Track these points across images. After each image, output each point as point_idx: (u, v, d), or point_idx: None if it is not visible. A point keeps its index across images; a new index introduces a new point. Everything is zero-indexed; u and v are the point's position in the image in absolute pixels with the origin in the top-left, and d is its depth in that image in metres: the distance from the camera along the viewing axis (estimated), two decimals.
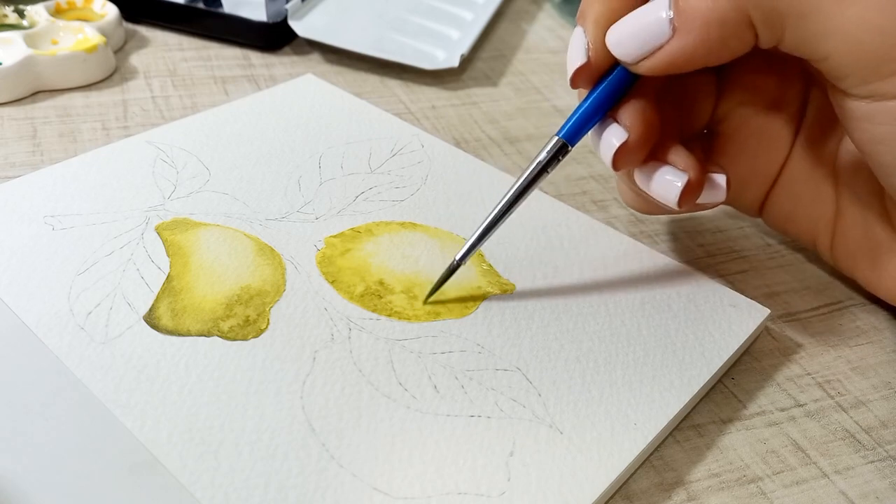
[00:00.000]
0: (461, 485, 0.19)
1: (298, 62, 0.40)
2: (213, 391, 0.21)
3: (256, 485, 0.19)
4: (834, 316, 0.27)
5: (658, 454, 0.22)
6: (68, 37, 0.37)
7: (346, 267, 0.25)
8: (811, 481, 0.21)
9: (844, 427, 0.23)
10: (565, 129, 0.23)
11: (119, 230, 0.26)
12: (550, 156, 0.23)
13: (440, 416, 0.21)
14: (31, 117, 0.33)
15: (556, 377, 0.22)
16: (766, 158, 0.26)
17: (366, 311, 0.24)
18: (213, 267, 0.25)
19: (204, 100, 0.36)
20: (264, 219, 0.27)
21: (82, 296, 0.23)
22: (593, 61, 0.22)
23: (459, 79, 0.40)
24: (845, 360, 0.25)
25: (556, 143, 0.23)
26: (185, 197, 0.27)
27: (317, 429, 0.20)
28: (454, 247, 0.27)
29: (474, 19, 0.44)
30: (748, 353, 0.25)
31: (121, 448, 0.19)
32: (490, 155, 0.34)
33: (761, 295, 0.28)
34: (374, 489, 0.19)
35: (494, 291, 0.25)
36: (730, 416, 0.23)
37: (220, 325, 0.23)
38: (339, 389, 0.21)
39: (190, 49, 0.40)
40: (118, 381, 0.21)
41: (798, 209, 0.27)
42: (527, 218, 0.28)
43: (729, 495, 0.21)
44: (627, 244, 0.27)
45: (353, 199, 0.28)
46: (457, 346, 0.23)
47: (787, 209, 0.27)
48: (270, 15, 0.40)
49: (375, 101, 0.37)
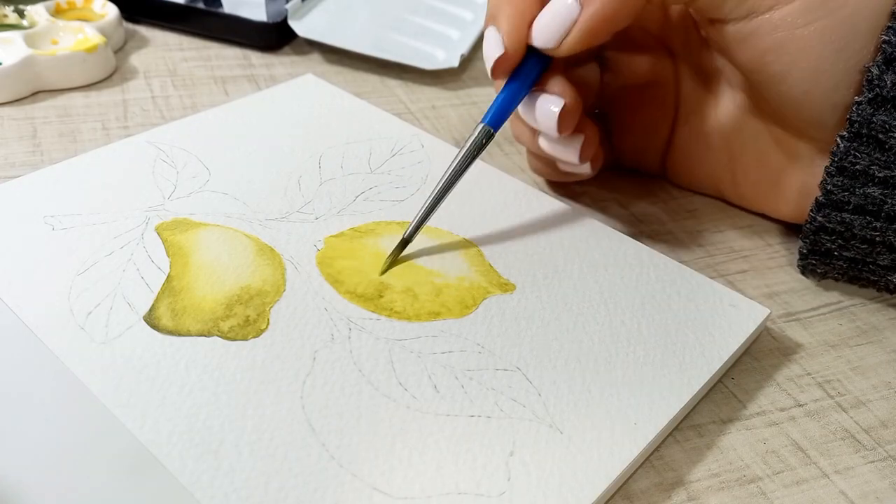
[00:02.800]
0: (461, 485, 0.19)
1: (298, 62, 0.40)
2: (213, 391, 0.21)
3: (256, 485, 0.19)
4: (834, 316, 0.27)
5: (658, 454, 0.22)
6: (68, 37, 0.37)
7: (346, 267, 0.25)
8: (811, 481, 0.21)
9: (844, 427, 0.23)
10: (489, 116, 0.25)
11: (119, 230, 0.26)
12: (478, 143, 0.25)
13: (440, 415, 0.21)
14: (31, 117, 0.33)
15: (556, 377, 0.22)
16: (654, 127, 0.31)
17: (366, 311, 0.24)
18: (213, 267, 0.25)
19: (204, 100, 0.36)
20: (264, 219, 0.27)
21: (82, 296, 0.23)
22: (509, 52, 0.25)
23: (459, 79, 0.40)
24: (845, 360, 0.25)
25: (481, 129, 0.25)
26: (185, 197, 0.27)
27: (317, 429, 0.20)
28: (454, 247, 0.27)
29: (474, 19, 0.44)
30: (748, 353, 0.25)
31: (121, 448, 0.19)
32: (490, 155, 0.34)
33: (761, 295, 0.28)
34: (373, 489, 0.19)
35: (494, 291, 0.25)
36: (730, 416, 0.23)
37: (220, 325, 0.23)
38: (339, 389, 0.21)
39: (190, 49, 0.40)
40: (118, 381, 0.21)
41: (696, 164, 0.31)
42: (527, 218, 0.28)
43: (729, 495, 0.21)
44: (627, 244, 0.27)
45: (353, 199, 0.28)
46: (457, 345, 0.23)
47: (686, 166, 0.32)
48: (270, 15, 0.40)
49: (375, 101, 0.37)
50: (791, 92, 0.25)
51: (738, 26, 0.25)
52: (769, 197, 0.30)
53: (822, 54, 0.24)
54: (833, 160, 0.24)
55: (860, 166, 0.24)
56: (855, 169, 0.24)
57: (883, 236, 0.25)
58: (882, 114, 0.23)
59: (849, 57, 0.24)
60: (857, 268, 0.26)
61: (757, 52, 0.25)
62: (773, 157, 0.29)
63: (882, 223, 0.24)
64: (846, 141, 0.24)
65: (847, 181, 0.24)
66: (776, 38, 0.24)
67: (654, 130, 0.31)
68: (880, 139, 0.24)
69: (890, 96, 0.23)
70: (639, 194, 0.32)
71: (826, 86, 0.24)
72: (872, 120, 0.23)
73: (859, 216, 0.25)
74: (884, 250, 0.25)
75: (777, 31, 0.24)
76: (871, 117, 0.23)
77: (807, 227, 0.26)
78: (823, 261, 0.27)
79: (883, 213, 0.24)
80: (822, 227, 0.26)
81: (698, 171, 0.31)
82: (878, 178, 0.24)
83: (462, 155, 0.25)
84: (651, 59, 0.29)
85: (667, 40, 0.29)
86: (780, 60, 0.25)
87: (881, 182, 0.24)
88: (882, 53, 0.23)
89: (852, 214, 0.25)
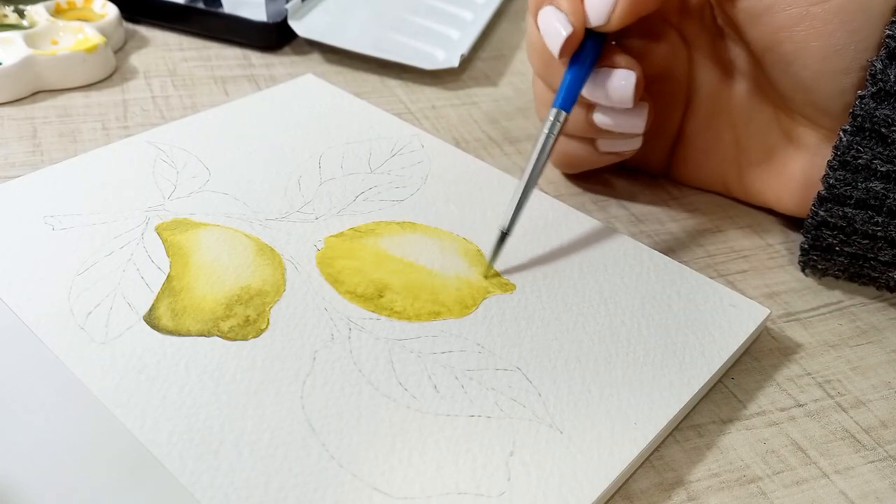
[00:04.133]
0: (461, 485, 0.19)
1: (298, 62, 0.40)
2: (213, 391, 0.21)
3: (256, 485, 0.19)
4: (834, 316, 0.27)
5: (658, 454, 0.22)
6: (68, 37, 0.37)
7: (346, 267, 0.25)
8: (811, 481, 0.21)
9: (844, 427, 0.23)
10: (560, 99, 0.26)
11: (119, 230, 0.26)
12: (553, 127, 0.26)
13: (440, 415, 0.21)
14: (31, 117, 0.33)
15: (556, 377, 0.22)
16: (664, 122, 0.31)
17: (366, 310, 0.24)
18: (213, 267, 0.25)
19: (204, 100, 0.36)
20: (264, 219, 0.27)
21: (82, 296, 0.23)
22: (577, 29, 0.26)
23: (459, 79, 0.40)
24: (845, 360, 0.25)
25: (555, 114, 0.26)
26: (185, 197, 0.27)
27: (317, 429, 0.20)
28: (454, 247, 0.27)
29: (474, 19, 0.44)
30: (748, 353, 0.25)
31: (121, 448, 0.19)
32: (490, 155, 0.34)
33: (761, 295, 0.28)
34: (373, 489, 0.19)
35: (494, 291, 0.25)
36: (730, 416, 0.23)
37: (220, 325, 0.23)
38: (339, 389, 0.21)
39: (190, 49, 0.40)
40: (118, 381, 0.21)
41: (703, 158, 0.31)
42: (527, 218, 0.28)
43: (729, 495, 0.21)
44: (627, 244, 0.27)
45: (353, 199, 0.28)
46: (457, 345, 0.23)
47: (693, 161, 0.32)
48: (270, 15, 0.40)
49: (375, 101, 0.37)
50: (802, 73, 0.26)
51: (753, 2, 0.25)
52: (774, 189, 0.30)
53: (834, 33, 0.24)
54: (836, 154, 0.25)
55: (862, 161, 0.24)
56: (857, 163, 0.24)
57: (884, 231, 0.25)
58: (885, 108, 0.23)
59: (860, 40, 0.24)
60: (859, 264, 0.26)
61: (770, 29, 0.25)
62: (780, 147, 0.29)
63: (884, 218, 0.24)
64: (849, 135, 0.24)
65: (849, 175, 0.24)
66: (790, 15, 0.25)
67: (665, 125, 0.31)
68: (883, 133, 0.24)
69: (893, 91, 0.23)
70: (639, 194, 0.32)
71: (836, 68, 0.25)
72: (875, 114, 0.23)
73: (861, 211, 0.25)
74: (885, 246, 0.25)
75: (792, 7, 0.24)
76: (874, 112, 0.23)
77: (808, 222, 0.26)
78: (825, 256, 0.27)
79: (885, 207, 0.24)
80: (824, 221, 0.26)
81: (705, 166, 0.32)
82: (881, 172, 0.24)
83: (541, 142, 0.26)
84: (667, 47, 0.30)
85: (683, 29, 0.30)
86: (793, 39, 0.25)
87: (883, 177, 0.24)
88: (885, 48, 0.23)
89: (854, 209, 0.25)
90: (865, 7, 0.24)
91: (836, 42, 0.24)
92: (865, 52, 0.24)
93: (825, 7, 0.24)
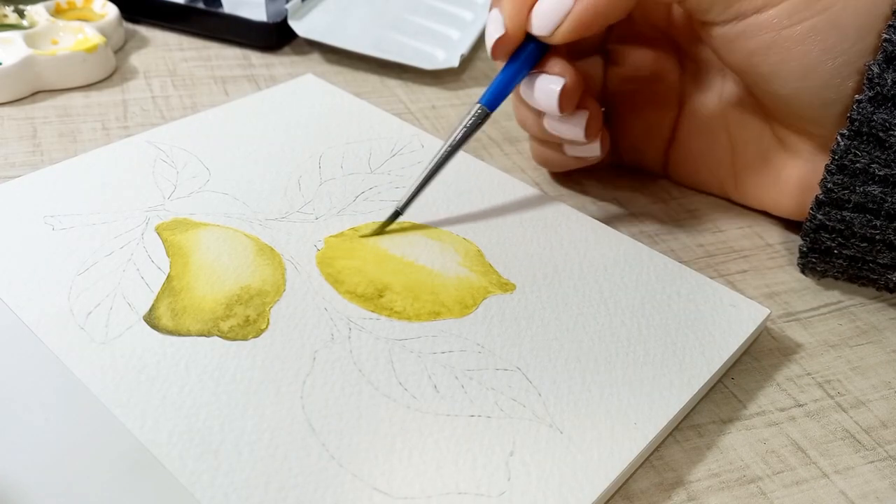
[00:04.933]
0: (461, 485, 0.19)
1: (298, 62, 0.40)
2: (213, 391, 0.21)
3: (256, 485, 0.19)
4: (834, 316, 0.27)
5: (658, 454, 0.22)
6: (68, 37, 0.37)
7: (346, 267, 0.25)
8: (811, 481, 0.21)
9: (844, 427, 0.23)
10: (486, 96, 0.26)
11: (119, 230, 0.26)
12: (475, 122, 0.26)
13: (440, 415, 0.21)
14: (31, 117, 0.33)
15: (556, 377, 0.22)
16: (657, 124, 0.31)
17: (366, 310, 0.24)
18: (213, 267, 0.25)
19: (204, 100, 0.36)
20: (264, 219, 0.27)
21: (82, 296, 0.23)
22: (510, 33, 0.26)
23: (459, 79, 0.40)
24: (845, 360, 0.25)
25: (477, 109, 0.26)
26: (185, 197, 0.27)
27: (317, 429, 0.20)
28: (454, 247, 0.27)
29: (474, 19, 0.44)
30: (748, 353, 0.25)
31: (121, 448, 0.19)
32: (490, 155, 0.34)
33: (761, 295, 0.28)
34: (374, 489, 0.19)
35: (494, 291, 0.25)
36: (730, 416, 0.23)
37: (220, 325, 0.23)
38: (339, 389, 0.21)
39: (190, 49, 0.40)
40: (118, 381, 0.21)
41: (698, 162, 0.31)
42: (527, 218, 0.28)
43: (729, 495, 0.21)
44: (627, 244, 0.27)
45: (353, 199, 0.28)
46: (457, 345, 0.23)
47: (688, 164, 0.32)
48: (270, 15, 0.40)
49: (375, 101, 0.37)
50: (781, 91, 0.26)
51: (725, 29, 0.25)
52: (771, 193, 0.30)
53: (809, 53, 0.24)
54: (833, 158, 0.25)
55: (860, 164, 0.24)
56: (855, 167, 0.24)
57: (883, 234, 0.25)
58: (882, 112, 0.23)
59: (837, 55, 0.24)
60: (857, 266, 0.26)
61: (744, 54, 0.25)
62: (774, 153, 0.29)
63: (882, 221, 0.24)
64: (846, 139, 0.24)
65: (847, 179, 0.24)
66: (763, 40, 0.25)
67: (657, 127, 0.31)
68: (880, 137, 0.24)
69: (890, 94, 0.23)
70: (639, 194, 0.32)
71: (815, 84, 0.25)
72: (873, 118, 0.23)
73: (859, 214, 0.25)
74: (884, 248, 0.25)
75: (763, 32, 0.25)
76: (872, 115, 0.23)
77: (807, 226, 0.26)
78: (823, 259, 0.27)
79: (883, 211, 0.24)
80: (823, 225, 0.26)
81: (701, 169, 0.32)
82: (879, 176, 0.24)
83: (456, 134, 0.26)
84: (656, 52, 0.30)
85: (673, 35, 0.30)
86: (768, 61, 0.25)
87: (881, 180, 0.24)
88: (883, 52, 0.23)
89: (852, 212, 0.25)
90: (837, 23, 0.24)
91: (811, 61, 0.24)
92: (844, 64, 0.24)
93: (796, 29, 0.24)
